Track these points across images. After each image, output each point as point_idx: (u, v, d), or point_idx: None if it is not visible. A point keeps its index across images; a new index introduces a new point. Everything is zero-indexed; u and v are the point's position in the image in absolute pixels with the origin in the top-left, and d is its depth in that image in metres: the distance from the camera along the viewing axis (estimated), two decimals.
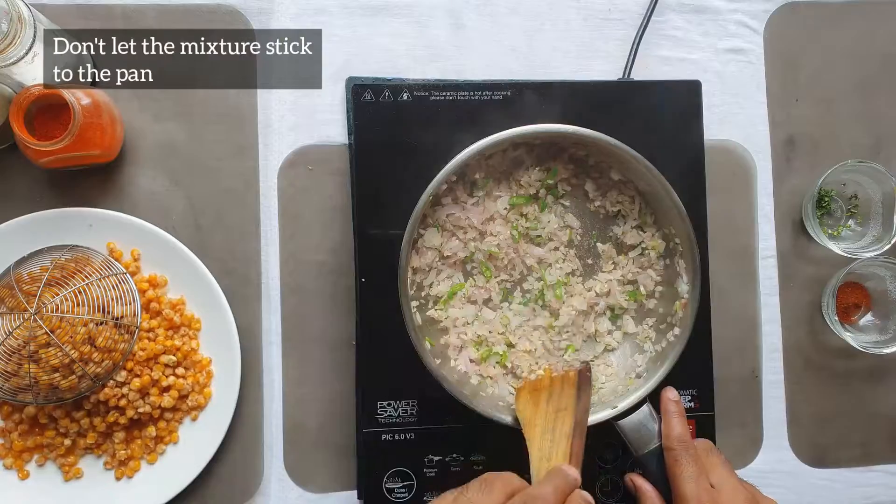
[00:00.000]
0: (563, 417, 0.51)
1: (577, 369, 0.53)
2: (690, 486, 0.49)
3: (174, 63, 0.64)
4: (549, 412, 0.51)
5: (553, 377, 0.53)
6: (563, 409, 0.51)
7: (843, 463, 0.68)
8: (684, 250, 0.56)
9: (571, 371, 0.53)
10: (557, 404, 0.52)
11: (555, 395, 0.52)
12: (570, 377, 0.53)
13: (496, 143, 0.53)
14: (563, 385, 0.52)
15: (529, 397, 0.52)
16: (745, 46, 0.68)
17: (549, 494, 0.42)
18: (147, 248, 0.62)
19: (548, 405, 0.52)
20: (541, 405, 0.51)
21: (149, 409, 0.60)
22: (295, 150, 0.64)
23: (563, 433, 0.50)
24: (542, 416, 0.51)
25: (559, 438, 0.50)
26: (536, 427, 0.50)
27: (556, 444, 0.49)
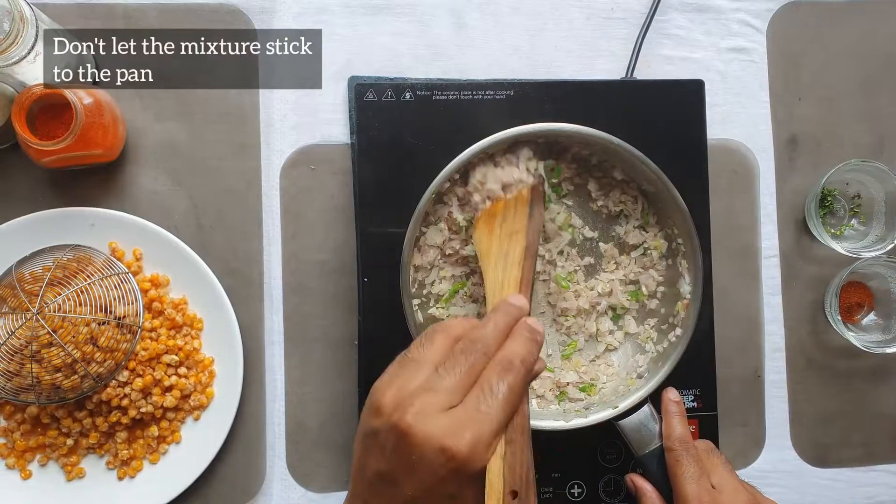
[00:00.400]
0: (515, 240, 0.47)
1: (529, 185, 0.50)
2: (691, 487, 0.49)
3: (176, 62, 0.64)
4: (502, 237, 0.48)
5: (507, 199, 0.49)
6: (516, 232, 0.48)
7: (845, 463, 0.68)
8: (687, 251, 0.56)
9: (524, 188, 0.49)
10: (511, 227, 0.48)
11: (508, 218, 0.48)
12: (522, 195, 0.49)
13: (499, 142, 0.53)
14: (517, 205, 0.49)
15: (485, 227, 0.48)
16: (747, 45, 0.68)
17: (489, 333, 0.41)
18: (149, 248, 0.62)
19: (501, 229, 0.48)
20: (494, 231, 0.48)
21: (151, 409, 0.60)
22: (297, 150, 0.64)
23: (515, 259, 0.47)
24: (496, 243, 0.48)
25: (510, 265, 0.47)
26: (490, 256, 0.47)
27: (507, 271, 0.47)
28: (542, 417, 0.54)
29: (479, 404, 0.38)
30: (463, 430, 0.37)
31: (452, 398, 0.38)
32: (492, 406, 0.38)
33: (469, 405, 0.38)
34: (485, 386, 0.39)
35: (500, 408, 0.38)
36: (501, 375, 0.39)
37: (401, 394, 0.38)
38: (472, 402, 0.38)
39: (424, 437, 0.37)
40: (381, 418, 0.38)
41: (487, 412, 0.38)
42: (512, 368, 0.40)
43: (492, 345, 0.41)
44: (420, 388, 0.38)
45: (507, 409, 0.39)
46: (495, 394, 0.38)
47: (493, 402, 0.38)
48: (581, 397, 0.57)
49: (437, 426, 0.37)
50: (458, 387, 0.39)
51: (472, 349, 0.40)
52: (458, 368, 0.39)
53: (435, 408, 0.38)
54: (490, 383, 0.39)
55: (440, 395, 0.38)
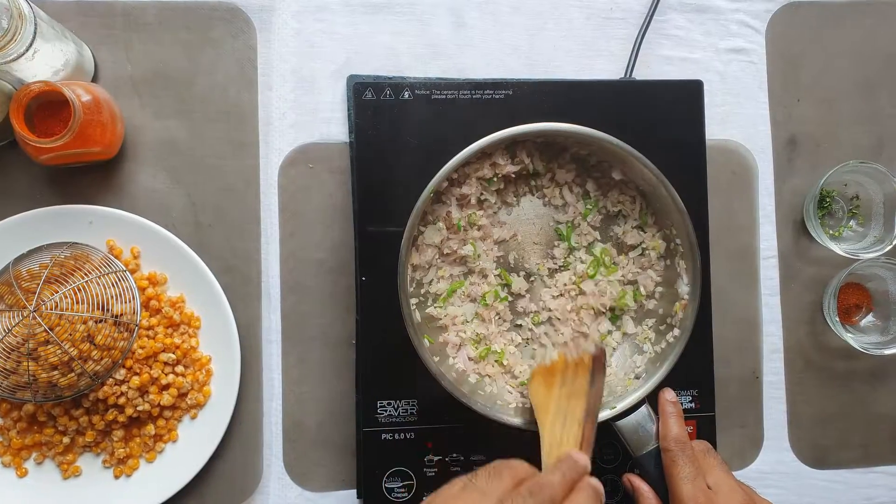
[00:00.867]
0: (575, 403, 0.50)
1: (591, 354, 0.52)
2: (687, 487, 0.49)
3: (175, 60, 0.64)
4: (561, 397, 0.50)
5: (567, 361, 0.52)
6: (575, 395, 0.50)
7: (843, 464, 0.68)
8: (685, 251, 0.56)
9: (586, 355, 0.52)
10: (570, 389, 0.51)
11: (568, 380, 0.51)
12: (584, 362, 0.52)
13: (497, 141, 0.53)
14: (577, 370, 0.51)
15: (542, 381, 0.51)
16: (746, 46, 0.68)
17: (557, 482, 0.42)
18: (147, 246, 0.62)
19: (560, 390, 0.51)
20: (553, 390, 0.51)
21: (148, 408, 0.60)
22: (295, 148, 0.64)
23: (575, 419, 0.49)
24: (555, 401, 0.50)
25: (570, 424, 0.49)
26: (549, 412, 0.49)
27: (567, 429, 0.48)
28: None
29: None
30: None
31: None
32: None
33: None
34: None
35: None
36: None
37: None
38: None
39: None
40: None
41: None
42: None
43: (559, 493, 0.41)
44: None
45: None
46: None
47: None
48: None
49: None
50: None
51: (540, 493, 0.40)
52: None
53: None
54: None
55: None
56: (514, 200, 0.60)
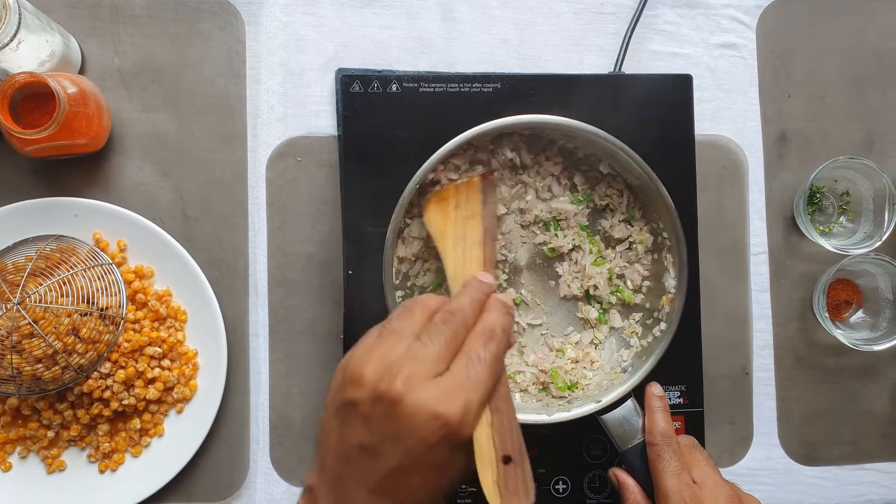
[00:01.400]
0: (472, 225, 0.50)
1: (479, 174, 0.53)
2: (672, 482, 0.49)
3: (163, 53, 0.63)
4: (458, 221, 0.51)
5: (457, 185, 0.52)
6: (471, 217, 0.51)
7: (833, 461, 0.67)
8: (672, 245, 0.56)
9: (475, 176, 0.53)
10: (465, 212, 0.51)
11: (461, 204, 0.52)
12: (474, 182, 0.52)
13: (483, 133, 0.52)
14: (469, 192, 0.52)
15: (436, 208, 0.51)
16: (737, 41, 0.68)
17: (466, 305, 0.42)
18: (134, 239, 0.62)
19: (455, 212, 0.51)
20: (449, 214, 0.51)
21: (133, 402, 0.60)
22: (284, 142, 0.64)
23: (475, 240, 0.49)
24: (452, 225, 0.51)
25: (471, 246, 0.49)
26: (447, 237, 0.50)
27: (468, 251, 0.49)
28: (524, 411, 0.54)
29: (468, 371, 0.39)
30: (454, 396, 0.37)
31: (438, 366, 0.39)
32: (479, 372, 0.39)
33: (457, 372, 0.39)
34: (471, 353, 0.39)
35: (487, 374, 0.39)
36: (486, 343, 0.40)
37: (384, 363, 0.38)
38: (461, 368, 0.39)
39: (415, 405, 0.37)
40: (362, 388, 0.38)
41: (477, 378, 0.38)
42: (494, 336, 0.41)
43: (470, 316, 0.42)
44: (404, 357, 0.38)
45: (493, 375, 0.39)
46: (482, 360, 0.39)
47: (481, 368, 0.39)
48: (565, 395, 0.56)
49: (428, 393, 0.37)
50: (443, 355, 0.39)
51: (452, 319, 0.41)
52: (441, 337, 0.40)
53: (423, 375, 0.38)
54: (476, 350, 0.39)
55: (427, 363, 0.38)
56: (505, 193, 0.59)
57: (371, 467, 0.37)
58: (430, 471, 0.37)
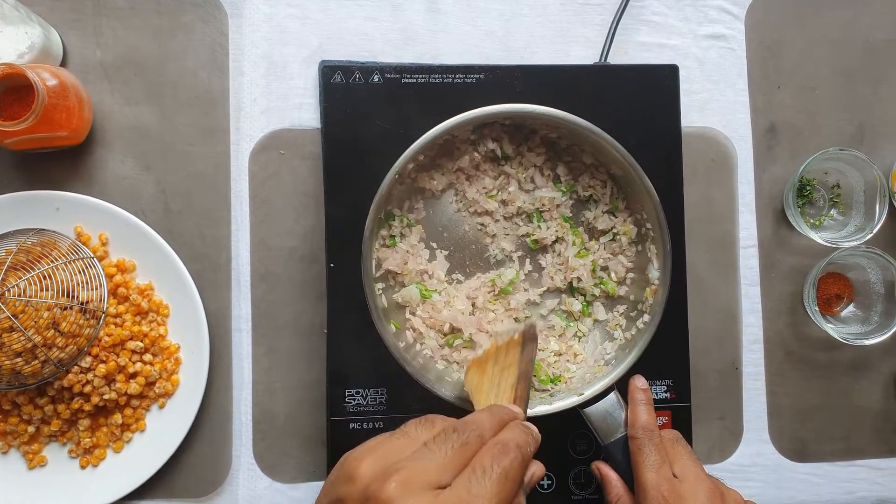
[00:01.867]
0: (508, 372, 0.49)
1: (521, 331, 0.52)
2: (651, 475, 0.48)
3: (145, 45, 0.63)
4: (494, 374, 0.49)
5: (499, 346, 0.51)
6: (508, 367, 0.49)
7: (824, 457, 0.66)
8: (655, 235, 0.55)
9: (516, 335, 0.51)
10: (503, 365, 0.50)
11: (500, 359, 0.50)
12: (514, 340, 0.51)
13: (464, 122, 0.52)
14: (509, 348, 0.51)
15: (476, 370, 0.50)
16: (725, 32, 0.67)
17: (484, 420, 0.39)
18: (115, 233, 0.61)
19: (493, 368, 0.50)
20: (487, 371, 0.50)
21: (114, 396, 0.59)
22: (267, 134, 0.63)
23: (508, 384, 0.48)
24: (489, 379, 0.49)
25: (504, 390, 0.48)
26: (482, 392, 0.48)
27: (500, 394, 0.48)
28: None
29: (471, 486, 0.35)
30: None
31: (441, 477, 0.35)
32: (484, 488, 0.35)
33: (459, 486, 0.35)
34: (477, 467, 0.36)
35: (494, 492, 0.35)
36: (496, 458, 0.36)
37: (383, 463, 0.35)
38: (463, 483, 0.35)
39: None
40: (354, 485, 0.35)
41: (479, 494, 0.34)
42: (508, 452, 0.37)
43: (486, 430, 0.39)
44: (406, 460, 0.35)
45: (502, 495, 0.35)
46: (489, 476, 0.35)
47: (486, 484, 0.35)
48: (548, 388, 0.56)
49: (421, 502, 0.34)
50: (449, 465, 0.36)
51: (465, 430, 0.38)
52: (449, 444, 0.36)
53: (420, 484, 0.34)
54: (483, 465, 0.36)
55: (427, 471, 0.35)
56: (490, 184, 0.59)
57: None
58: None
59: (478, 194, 0.57)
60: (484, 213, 0.57)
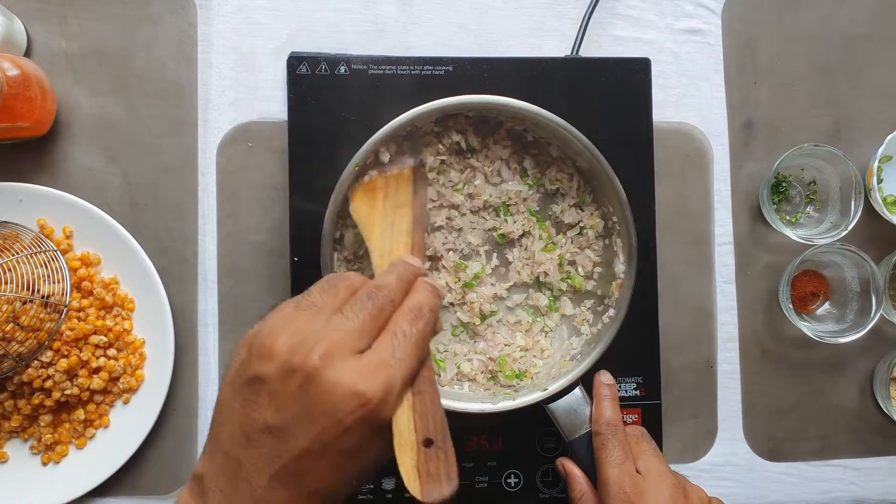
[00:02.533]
0: (401, 214, 0.49)
1: (410, 166, 0.52)
2: (614, 472, 0.47)
3: (112, 36, 0.62)
4: (386, 210, 0.49)
5: (387, 175, 0.51)
6: (400, 206, 0.49)
7: (799, 457, 0.66)
8: (621, 229, 0.54)
9: (406, 169, 0.51)
10: (394, 201, 0.50)
11: (391, 195, 0.50)
12: (405, 174, 0.51)
13: (426, 113, 0.51)
14: (399, 182, 0.51)
15: (364, 197, 0.50)
16: (702, 27, 0.66)
17: (393, 282, 0.40)
18: (80, 226, 0.61)
19: (384, 202, 0.49)
20: (377, 204, 0.49)
21: (77, 392, 0.58)
22: (235, 127, 0.63)
23: (403, 229, 0.48)
24: (380, 214, 0.49)
25: (398, 234, 0.48)
26: (375, 226, 0.48)
27: (395, 239, 0.48)
28: (470, 400, 0.53)
29: (393, 349, 0.36)
30: (376, 373, 0.35)
31: (360, 342, 0.36)
32: (404, 351, 0.36)
33: (381, 349, 0.36)
34: (396, 331, 0.37)
35: (412, 353, 0.37)
36: (412, 321, 0.38)
37: (299, 336, 0.35)
38: (385, 346, 0.36)
39: (333, 381, 0.34)
40: (271, 362, 0.35)
41: (402, 357, 0.36)
42: (422, 315, 0.38)
43: (397, 293, 0.39)
44: (324, 330, 0.36)
45: (418, 355, 0.37)
46: (408, 338, 0.37)
47: (406, 346, 0.36)
48: (513, 384, 0.55)
49: (348, 369, 0.34)
50: (367, 330, 0.37)
51: (378, 295, 0.38)
52: (365, 312, 0.37)
53: (343, 350, 0.35)
54: (402, 328, 0.37)
55: (348, 337, 0.36)
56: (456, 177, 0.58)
57: (275, 450, 0.34)
58: (342, 457, 0.35)
59: (444, 188, 0.56)
60: (450, 207, 0.56)
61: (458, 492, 0.37)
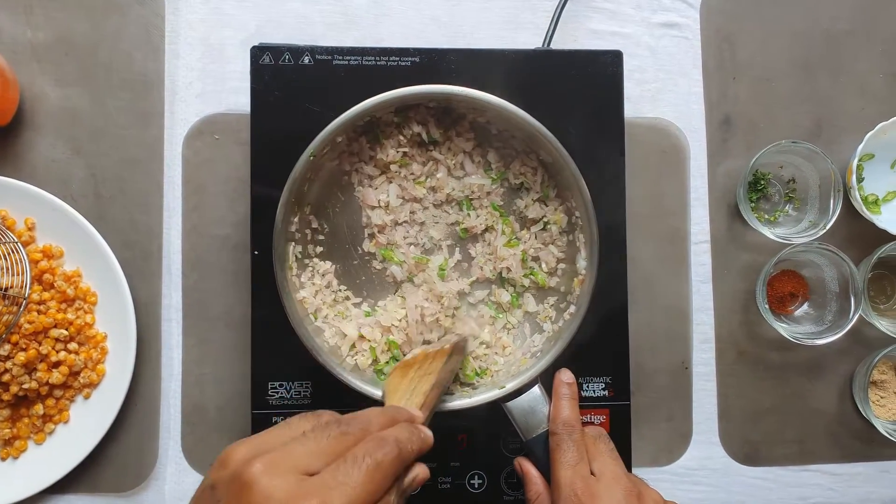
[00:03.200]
0: (426, 379, 0.47)
1: (452, 343, 0.50)
2: (566, 473, 0.46)
3: (78, 25, 0.61)
4: (414, 379, 0.48)
5: (427, 353, 0.49)
6: (429, 374, 0.48)
7: (776, 461, 0.64)
8: (583, 224, 0.52)
9: (447, 345, 0.50)
10: (425, 370, 0.48)
11: (425, 365, 0.49)
12: (444, 350, 0.49)
13: (384, 103, 0.49)
14: (436, 357, 0.49)
15: (399, 373, 0.49)
16: (679, 21, 0.65)
17: (373, 416, 0.38)
18: (43, 218, 0.60)
19: (415, 373, 0.48)
20: (408, 375, 0.48)
21: (35, 386, 0.57)
22: (202, 119, 0.62)
23: (422, 390, 0.46)
24: (407, 383, 0.47)
25: (416, 395, 0.46)
26: (397, 393, 0.47)
27: (410, 400, 0.46)
28: None
29: (337, 473, 0.34)
30: (310, 495, 0.33)
31: (310, 462, 0.35)
32: (351, 477, 0.34)
33: (326, 473, 0.34)
34: (349, 457, 0.35)
35: (359, 482, 0.34)
36: (370, 450, 0.36)
37: (256, 450, 0.35)
38: (331, 470, 0.34)
39: (266, 494, 0.32)
40: (225, 469, 0.35)
41: (344, 482, 0.34)
42: (384, 445, 0.36)
43: (374, 425, 0.38)
44: (279, 446, 0.35)
45: (369, 487, 0.34)
46: (358, 465, 0.35)
47: (354, 473, 0.34)
48: (473, 382, 0.54)
49: (282, 484, 0.33)
50: (322, 453, 0.35)
51: (349, 422, 0.37)
52: (327, 434, 0.36)
53: (288, 466, 0.34)
54: (355, 454, 0.35)
55: (297, 455, 0.34)
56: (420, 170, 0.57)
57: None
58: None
59: (406, 181, 0.55)
60: (413, 200, 0.55)
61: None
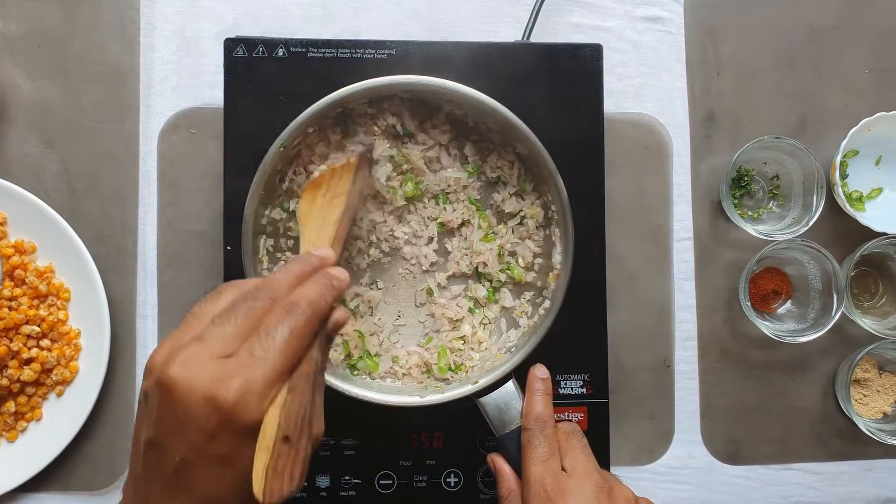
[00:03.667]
0: (336, 204, 0.46)
1: (358, 154, 0.48)
2: (537, 469, 0.45)
3: (51, 17, 0.60)
4: (324, 203, 0.46)
5: (333, 168, 0.47)
6: (337, 196, 0.46)
7: (759, 460, 0.63)
8: (559, 218, 0.52)
9: (352, 157, 0.48)
10: (333, 192, 0.47)
11: (332, 186, 0.47)
12: (350, 164, 0.48)
13: (354, 94, 0.49)
14: (343, 172, 0.47)
15: (308, 195, 0.47)
16: (663, 15, 0.64)
17: (278, 281, 0.37)
18: (15, 213, 0.59)
19: (324, 197, 0.47)
20: (317, 199, 0.46)
21: (6, 383, 0.57)
22: (177, 113, 0.61)
23: (332, 220, 0.45)
24: (317, 208, 0.46)
25: (328, 226, 0.45)
26: (310, 221, 0.45)
27: (322, 231, 0.45)
28: (398, 393, 0.51)
29: (254, 349, 0.34)
30: (231, 376, 0.33)
31: (226, 346, 0.34)
32: (267, 350, 0.34)
33: (242, 351, 0.34)
34: (262, 330, 0.35)
35: (277, 352, 0.34)
36: (281, 317, 0.35)
37: (171, 349, 0.34)
38: (247, 347, 0.34)
39: (188, 389, 0.32)
40: (150, 378, 0.34)
41: (262, 356, 0.34)
42: (295, 310, 0.36)
43: (280, 291, 0.37)
44: (191, 340, 0.34)
45: (288, 353, 0.34)
46: (272, 336, 0.34)
47: (270, 345, 0.34)
48: (447, 377, 0.53)
49: (203, 374, 0.33)
50: (236, 335, 0.34)
51: (256, 296, 0.36)
52: (237, 314, 0.35)
53: (203, 357, 0.33)
54: (267, 326, 0.35)
55: (211, 344, 0.34)
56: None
57: (158, 463, 0.33)
58: (218, 464, 0.33)
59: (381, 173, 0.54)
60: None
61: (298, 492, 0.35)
